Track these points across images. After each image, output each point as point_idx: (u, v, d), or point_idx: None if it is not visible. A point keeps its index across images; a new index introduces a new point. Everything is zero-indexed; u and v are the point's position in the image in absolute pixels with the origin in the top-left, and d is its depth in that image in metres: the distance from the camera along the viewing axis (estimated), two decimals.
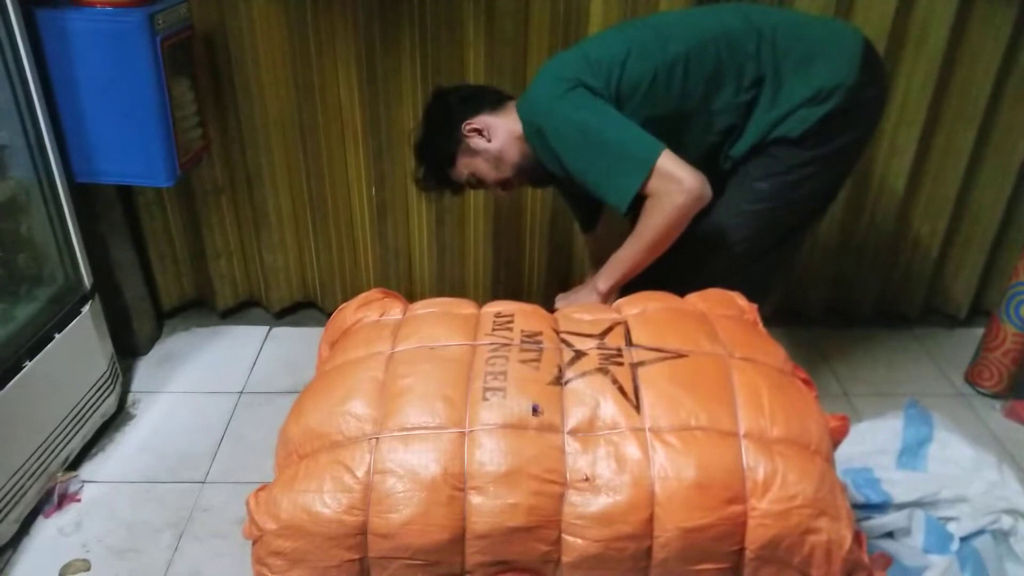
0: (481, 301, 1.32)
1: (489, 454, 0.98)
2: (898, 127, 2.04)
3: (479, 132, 1.56)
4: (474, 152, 1.58)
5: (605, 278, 1.50)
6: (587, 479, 0.97)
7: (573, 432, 1.02)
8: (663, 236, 1.41)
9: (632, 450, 0.99)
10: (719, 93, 1.46)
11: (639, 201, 1.39)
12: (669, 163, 1.36)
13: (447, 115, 1.58)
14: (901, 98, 2.01)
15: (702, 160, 1.51)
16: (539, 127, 1.46)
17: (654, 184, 1.36)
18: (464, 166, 1.60)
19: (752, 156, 1.51)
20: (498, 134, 1.55)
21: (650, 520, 0.95)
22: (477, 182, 1.63)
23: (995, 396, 2.00)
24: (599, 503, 0.96)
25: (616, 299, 1.59)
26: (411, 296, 2.07)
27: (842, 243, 2.21)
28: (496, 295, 2.21)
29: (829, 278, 2.27)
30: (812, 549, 0.96)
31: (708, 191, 1.37)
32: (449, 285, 2.26)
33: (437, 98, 1.64)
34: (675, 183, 1.35)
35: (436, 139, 1.61)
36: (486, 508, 0.96)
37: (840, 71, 1.44)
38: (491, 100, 1.59)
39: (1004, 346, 1.95)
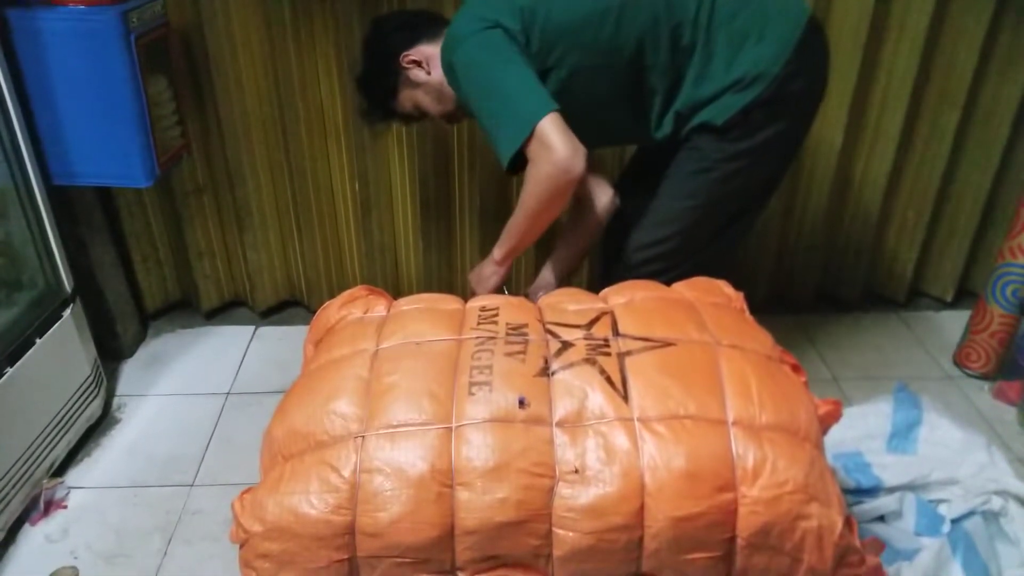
0: (469, 297, 1.31)
1: (476, 449, 0.97)
2: (882, 111, 2.04)
3: (418, 64, 1.51)
4: (415, 84, 1.53)
5: (500, 247, 1.51)
6: (576, 471, 0.96)
7: (561, 424, 1.01)
8: (539, 206, 1.37)
9: (621, 440, 0.98)
10: (653, 51, 1.38)
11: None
12: (550, 129, 1.29)
13: (384, 47, 1.53)
14: (884, 82, 2.01)
15: (633, 121, 1.48)
16: (450, 62, 1.41)
17: (532, 147, 1.31)
18: (407, 99, 1.56)
19: (679, 144, 1.47)
20: (437, 65, 1.49)
21: (641, 511, 0.95)
22: (421, 114, 1.59)
23: (983, 378, 2.01)
24: (589, 495, 0.95)
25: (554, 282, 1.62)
26: (398, 293, 2.05)
27: (829, 228, 2.21)
28: None
29: (816, 263, 2.27)
30: (803, 535, 0.95)
31: (578, 166, 1.29)
32: (437, 281, 2.25)
33: (374, 28, 1.58)
34: (547, 151, 1.29)
35: (376, 73, 1.56)
36: (475, 504, 0.95)
37: (766, 58, 1.36)
38: (430, 28, 1.53)
39: (991, 327, 1.96)
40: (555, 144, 1.29)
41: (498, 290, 1.58)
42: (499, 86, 1.35)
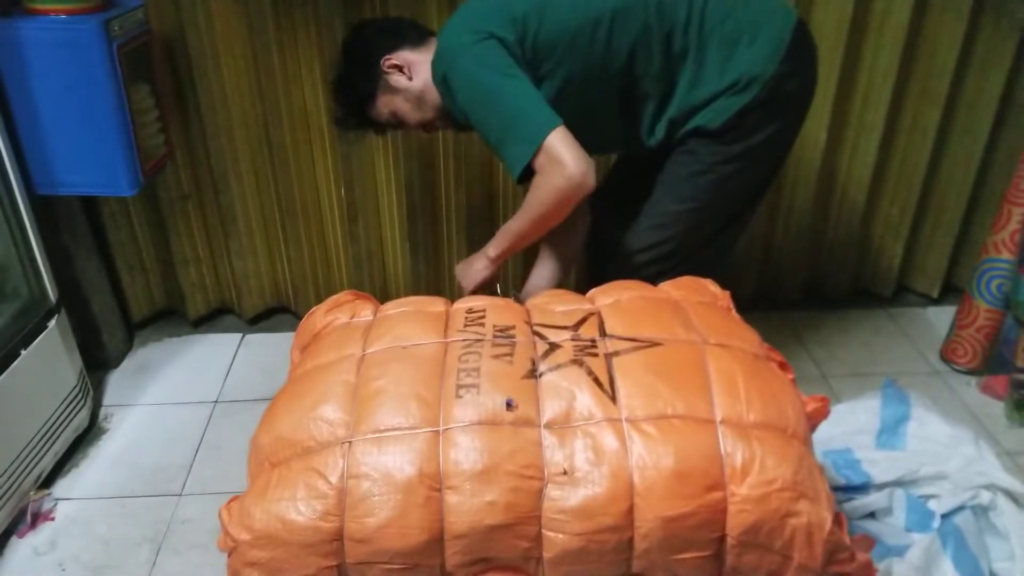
0: (457, 293, 1.30)
1: (464, 452, 0.96)
2: (864, 108, 2.05)
3: (399, 69, 1.49)
4: (394, 90, 1.51)
5: (495, 246, 1.51)
6: (565, 472, 0.96)
7: (549, 425, 1.01)
8: (545, 215, 1.38)
9: (610, 441, 0.98)
10: (645, 59, 1.39)
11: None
12: (558, 143, 1.30)
13: (365, 50, 1.51)
14: (866, 80, 2.02)
15: (624, 129, 1.48)
16: (444, 75, 1.39)
17: (540, 161, 1.32)
18: (384, 105, 1.54)
19: (673, 148, 1.47)
20: (420, 72, 1.48)
21: (630, 511, 0.95)
22: (398, 123, 1.57)
23: (970, 372, 2.02)
24: (578, 496, 0.95)
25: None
26: (386, 297, 2.04)
27: (815, 226, 2.22)
28: None
29: (803, 261, 2.28)
30: (793, 532, 0.96)
31: (590, 179, 1.32)
32: (425, 284, 2.25)
33: (356, 31, 1.56)
34: (558, 165, 1.30)
35: (354, 76, 1.54)
36: (464, 507, 0.94)
37: (760, 60, 1.38)
38: (413, 35, 1.51)
39: (977, 322, 1.97)
40: (566, 159, 1.30)
41: (489, 288, 1.58)
42: (502, 100, 1.34)
